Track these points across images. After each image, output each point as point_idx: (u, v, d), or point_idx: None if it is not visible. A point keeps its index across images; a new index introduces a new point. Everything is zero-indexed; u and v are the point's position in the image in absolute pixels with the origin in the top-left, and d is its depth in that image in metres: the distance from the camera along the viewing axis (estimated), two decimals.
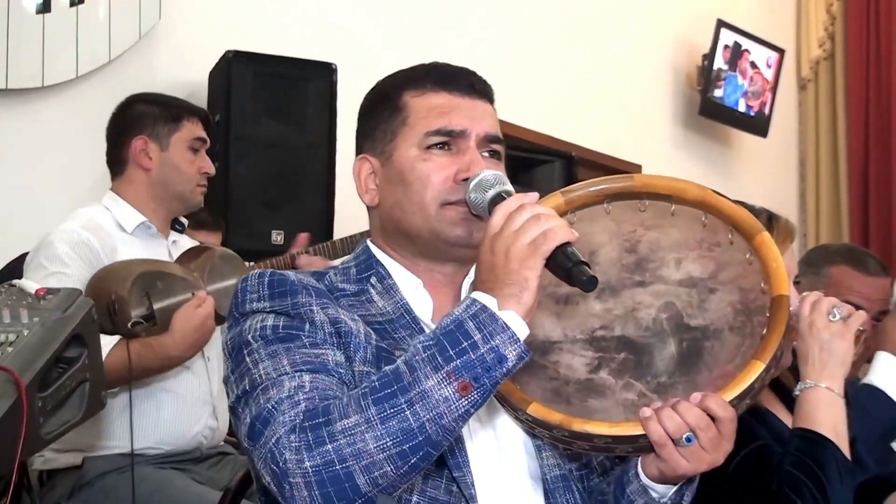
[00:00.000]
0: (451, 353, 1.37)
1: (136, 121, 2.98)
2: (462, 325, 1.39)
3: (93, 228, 2.82)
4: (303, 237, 3.43)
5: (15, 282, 1.64)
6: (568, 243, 1.42)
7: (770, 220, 2.01)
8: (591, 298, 1.63)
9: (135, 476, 2.62)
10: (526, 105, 5.59)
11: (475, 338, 1.37)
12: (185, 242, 3.10)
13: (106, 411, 2.73)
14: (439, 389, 1.36)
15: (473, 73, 1.72)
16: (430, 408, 1.36)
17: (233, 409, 1.56)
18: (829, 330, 1.94)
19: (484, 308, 1.40)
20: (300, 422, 1.39)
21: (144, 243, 2.93)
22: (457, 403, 1.36)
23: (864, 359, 2.58)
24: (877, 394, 2.25)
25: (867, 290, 2.83)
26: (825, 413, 1.92)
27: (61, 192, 3.74)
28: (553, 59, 5.99)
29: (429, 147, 1.64)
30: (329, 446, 1.36)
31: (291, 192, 4.06)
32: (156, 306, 2.68)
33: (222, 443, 3.01)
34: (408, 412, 1.36)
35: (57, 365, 1.55)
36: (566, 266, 1.42)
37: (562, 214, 1.67)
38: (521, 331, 1.40)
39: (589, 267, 1.43)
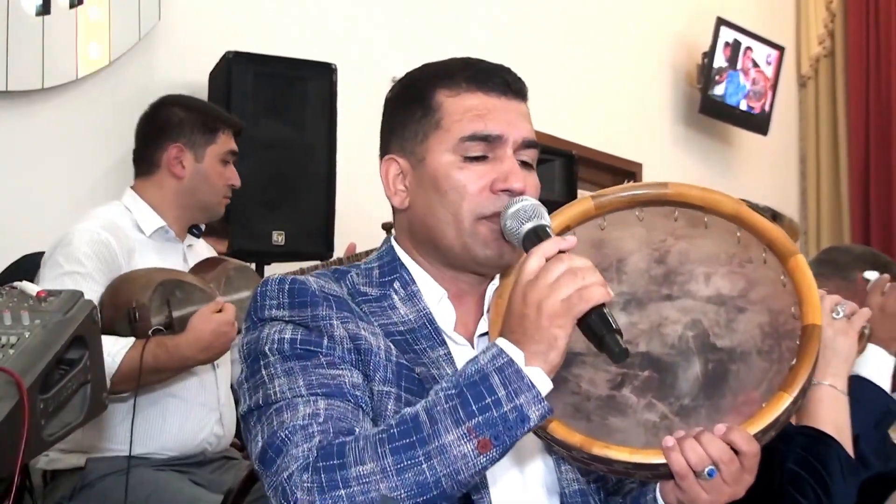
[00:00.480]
0: (473, 407, 1.34)
1: (174, 126, 2.96)
2: (487, 378, 1.35)
3: (112, 229, 2.81)
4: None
5: (16, 284, 1.64)
6: (602, 304, 1.38)
7: (774, 218, 2.01)
8: (616, 310, 1.59)
9: (133, 479, 2.62)
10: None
11: (499, 394, 1.34)
12: (200, 248, 3.10)
13: (111, 414, 2.73)
14: (459, 446, 1.33)
15: (509, 71, 1.67)
16: (448, 463, 1.33)
17: (244, 419, 1.53)
18: (832, 327, 1.93)
19: (511, 363, 1.36)
20: (313, 460, 1.36)
21: (161, 246, 2.93)
22: (475, 461, 1.34)
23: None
24: (865, 384, 2.25)
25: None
26: (828, 411, 1.92)
27: (61, 194, 3.74)
28: (553, 59, 5.99)
29: (465, 156, 1.58)
30: (342, 492, 1.33)
31: (292, 193, 4.05)
32: (175, 314, 2.69)
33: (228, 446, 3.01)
34: (425, 465, 1.33)
35: (58, 367, 1.55)
36: (599, 333, 1.37)
37: (591, 219, 1.65)
38: (546, 389, 1.37)
39: (622, 336, 1.37)
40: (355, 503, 1.33)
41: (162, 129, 2.97)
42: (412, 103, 1.65)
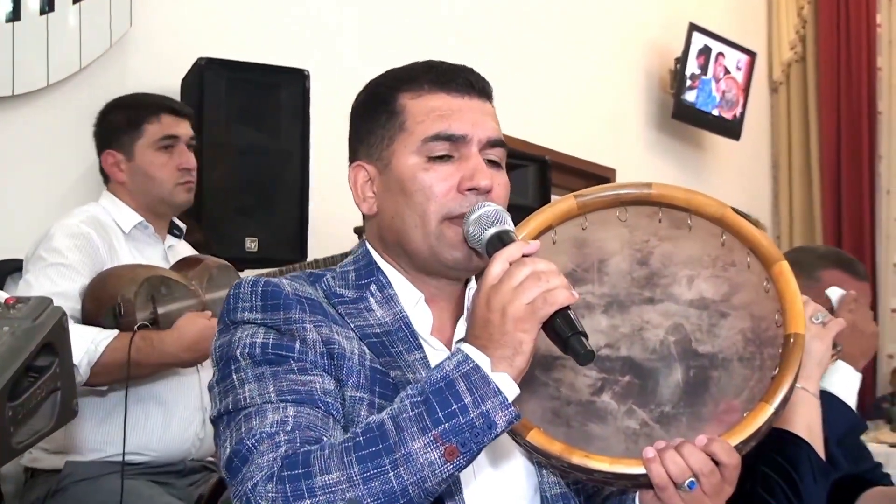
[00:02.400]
0: (439, 415, 1.33)
1: (105, 133, 3.01)
2: (453, 384, 1.34)
3: (92, 224, 2.83)
4: None
5: None
6: (567, 307, 1.37)
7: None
8: (597, 312, 1.59)
9: (107, 488, 2.61)
10: (499, 110, 5.58)
11: (465, 400, 1.33)
12: (182, 248, 3.10)
13: (92, 415, 2.72)
14: (425, 453, 1.32)
15: (471, 71, 1.66)
16: (415, 471, 1.32)
17: (214, 423, 1.52)
18: (808, 331, 1.94)
19: (476, 368, 1.35)
20: (278, 469, 1.35)
21: (141, 245, 2.94)
22: (442, 468, 1.33)
23: None
24: (832, 400, 2.26)
25: (858, 293, 2.84)
26: (800, 413, 1.93)
27: (34, 201, 3.71)
28: (526, 64, 6.00)
29: (430, 156, 1.58)
30: (307, 501, 1.32)
31: (265, 199, 4.04)
32: (160, 310, 2.70)
33: (210, 458, 2.98)
34: (391, 474, 1.32)
35: (28, 374, 1.53)
36: (564, 335, 1.36)
37: (573, 218, 1.64)
38: (512, 394, 1.36)
39: (587, 338, 1.37)
40: None
41: (98, 138, 3.05)
42: (376, 109, 1.64)
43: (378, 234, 1.66)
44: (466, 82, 1.64)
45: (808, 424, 1.93)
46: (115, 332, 2.62)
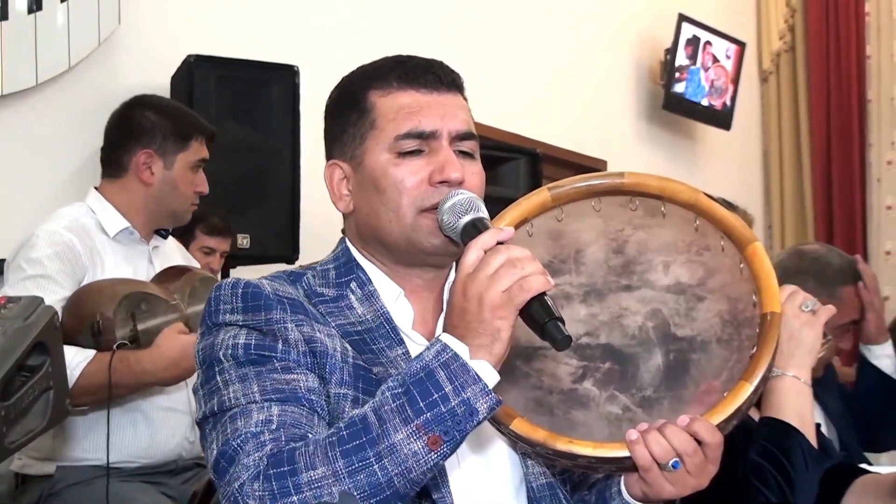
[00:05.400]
0: (421, 405, 1.34)
1: (146, 131, 2.90)
2: (433, 374, 1.35)
3: (75, 229, 2.78)
4: None
5: None
6: (544, 293, 1.38)
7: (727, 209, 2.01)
8: (576, 302, 1.60)
9: (100, 490, 2.59)
10: (490, 103, 5.59)
11: (446, 389, 1.34)
12: (167, 249, 3.07)
13: (81, 423, 2.70)
14: (408, 444, 1.33)
15: (440, 65, 1.66)
16: (399, 462, 1.33)
17: (199, 425, 1.53)
18: (798, 319, 1.95)
19: (455, 357, 1.36)
20: (264, 468, 1.36)
21: (126, 248, 2.90)
22: (426, 457, 1.33)
23: (822, 364, 2.66)
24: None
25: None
26: (792, 401, 1.94)
27: (22, 200, 3.71)
28: (516, 57, 6.00)
29: (401, 152, 1.58)
30: (294, 498, 1.33)
31: (256, 196, 4.04)
32: (140, 327, 2.65)
33: (202, 456, 2.97)
34: (376, 466, 1.33)
35: (19, 373, 1.53)
36: (540, 321, 1.37)
37: (548, 210, 1.65)
38: (492, 381, 1.37)
39: (563, 322, 1.37)
40: None
41: (132, 132, 2.92)
42: (347, 107, 1.66)
43: (356, 231, 1.67)
44: (435, 77, 1.64)
45: (799, 413, 1.93)
46: (92, 353, 2.58)
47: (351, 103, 1.66)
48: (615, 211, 1.65)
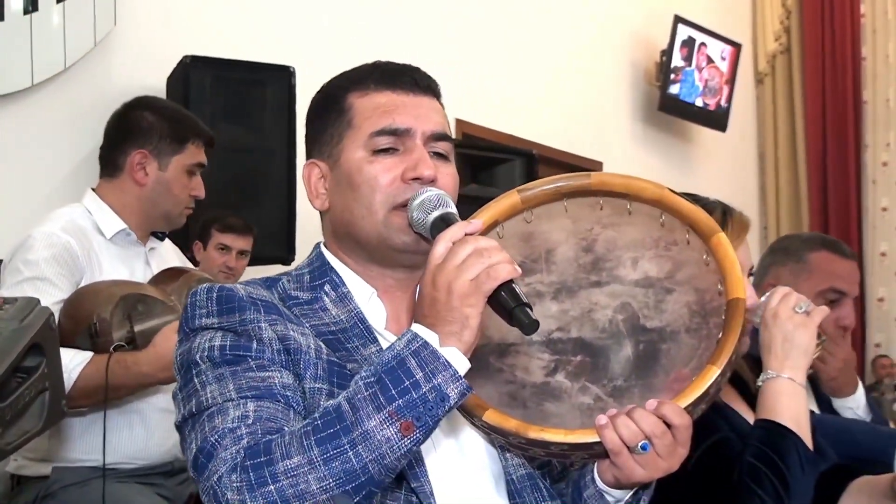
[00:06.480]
0: (393, 392, 1.36)
1: (142, 131, 2.89)
2: (404, 362, 1.38)
3: (72, 230, 2.77)
4: None
5: None
6: (511, 280, 1.40)
7: (725, 213, 2.01)
8: (547, 299, 1.63)
9: (96, 491, 2.59)
10: (485, 104, 5.60)
11: (417, 376, 1.36)
12: (163, 250, 3.06)
13: (76, 424, 2.70)
14: (381, 430, 1.35)
15: (417, 70, 1.70)
16: (373, 449, 1.35)
17: (179, 429, 1.54)
18: (792, 321, 1.95)
19: (426, 345, 1.38)
20: (241, 460, 1.37)
21: (122, 250, 2.89)
22: (399, 443, 1.35)
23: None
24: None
25: (847, 272, 2.86)
26: (787, 403, 1.93)
27: (17, 201, 3.71)
28: (512, 59, 6.00)
29: (375, 149, 1.62)
30: (271, 487, 1.35)
31: (252, 197, 4.05)
32: (137, 329, 2.65)
33: None
34: (350, 453, 1.35)
35: (15, 375, 1.53)
36: (508, 307, 1.40)
37: (518, 212, 1.67)
38: (463, 367, 1.39)
39: (531, 308, 1.41)
40: (286, 496, 1.34)
41: (129, 132, 2.92)
42: (327, 108, 1.70)
43: (332, 230, 1.71)
44: (411, 80, 1.68)
45: (795, 415, 1.93)
46: (89, 355, 2.58)
47: (330, 105, 1.70)
48: (584, 212, 1.68)
